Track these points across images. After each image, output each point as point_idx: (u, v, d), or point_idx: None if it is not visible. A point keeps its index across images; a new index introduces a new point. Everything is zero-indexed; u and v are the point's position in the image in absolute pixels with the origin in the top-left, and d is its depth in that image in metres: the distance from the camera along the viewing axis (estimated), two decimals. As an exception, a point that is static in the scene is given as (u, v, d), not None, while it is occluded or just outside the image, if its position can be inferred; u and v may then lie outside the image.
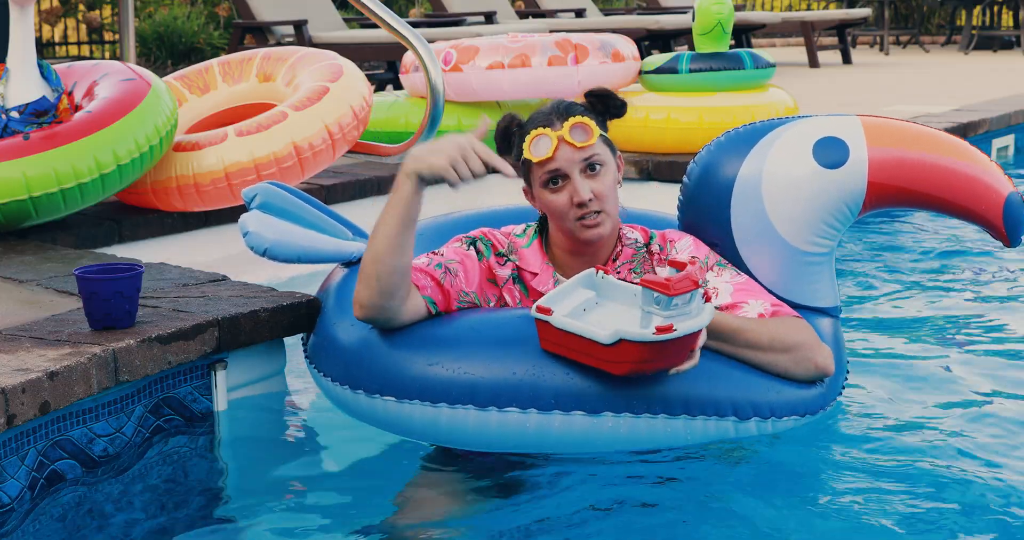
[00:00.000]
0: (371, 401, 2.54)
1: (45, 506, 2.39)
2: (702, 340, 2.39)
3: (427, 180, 2.41)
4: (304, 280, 4.37)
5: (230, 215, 4.31)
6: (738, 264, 2.71)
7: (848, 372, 2.79)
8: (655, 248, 2.70)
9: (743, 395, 2.50)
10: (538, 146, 2.57)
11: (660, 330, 2.24)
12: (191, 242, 4.22)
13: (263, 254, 2.79)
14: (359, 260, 2.83)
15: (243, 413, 2.91)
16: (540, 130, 2.57)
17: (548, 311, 2.34)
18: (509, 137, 2.67)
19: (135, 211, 4.17)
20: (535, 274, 2.69)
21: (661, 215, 3.07)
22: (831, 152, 2.67)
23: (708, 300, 2.40)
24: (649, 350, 2.27)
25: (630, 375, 2.35)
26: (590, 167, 2.57)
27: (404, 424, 2.53)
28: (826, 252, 2.72)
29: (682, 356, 2.35)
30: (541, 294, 2.65)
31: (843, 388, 2.74)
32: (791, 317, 2.59)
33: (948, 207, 2.68)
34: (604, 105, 2.66)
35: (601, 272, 2.43)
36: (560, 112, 2.60)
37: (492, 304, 2.68)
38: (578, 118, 2.57)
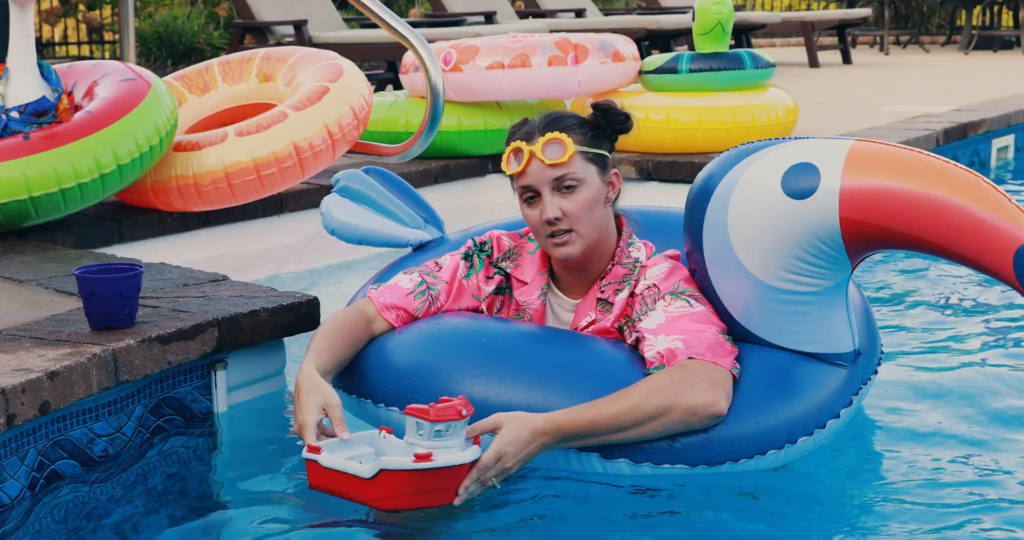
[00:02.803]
0: (347, 397, 2.67)
1: (45, 506, 2.39)
2: (472, 486, 2.25)
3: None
4: (301, 281, 4.38)
5: (230, 215, 4.32)
6: (711, 293, 2.53)
7: (838, 416, 2.52)
8: (640, 271, 2.62)
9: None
10: (511, 160, 2.59)
11: (419, 458, 2.17)
12: (191, 242, 4.22)
13: (332, 233, 3.07)
14: (419, 247, 3.05)
15: (243, 413, 2.91)
16: (517, 143, 2.57)
17: (317, 450, 2.27)
18: None
19: (135, 211, 4.17)
20: (525, 284, 2.69)
21: (667, 211, 3.04)
22: (800, 181, 2.35)
23: (477, 443, 2.28)
24: (408, 480, 2.19)
25: (396, 510, 2.25)
26: (564, 185, 2.53)
27: (363, 418, 2.65)
28: (812, 292, 2.43)
29: (447, 494, 2.24)
30: (520, 305, 2.68)
31: (818, 428, 2.47)
32: (677, 367, 2.39)
33: (946, 254, 2.26)
34: (606, 119, 2.60)
35: (384, 432, 2.33)
36: (543, 126, 2.57)
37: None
38: (554, 134, 2.52)
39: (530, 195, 2.57)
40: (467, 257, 2.72)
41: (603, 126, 2.61)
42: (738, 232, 2.42)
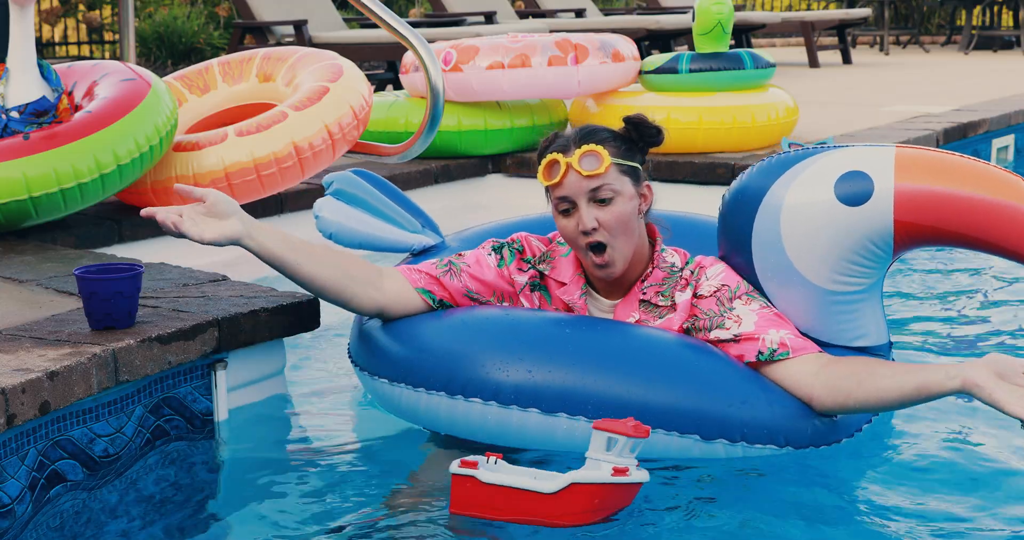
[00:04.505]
0: (371, 381, 2.73)
1: (45, 506, 2.39)
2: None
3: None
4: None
5: (230, 215, 4.31)
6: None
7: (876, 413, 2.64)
8: (687, 273, 2.67)
9: (710, 408, 2.44)
10: (548, 171, 2.62)
11: (617, 471, 2.18)
12: (191, 242, 4.20)
13: (329, 238, 2.96)
14: (420, 252, 3.03)
15: (243, 413, 2.91)
16: (554, 155, 2.60)
17: (474, 465, 2.22)
18: None
19: (135, 211, 4.16)
20: (563, 284, 2.72)
21: (696, 217, 3.09)
22: (854, 187, 2.49)
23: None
24: (602, 494, 2.19)
25: (575, 526, 2.21)
26: (600, 197, 2.57)
27: (393, 404, 2.69)
28: (859, 291, 2.58)
29: (617, 511, 2.25)
30: (564, 303, 2.71)
31: (862, 427, 2.61)
32: (814, 354, 2.53)
33: (996, 250, 2.44)
34: (638, 132, 2.63)
35: (494, 458, 2.27)
36: (579, 138, 2.61)
37: (504, 303, 2.75)
38: (591, 146, 2.57)
39: (566, 207, 2.61)
40: (496, 250, 2.75)
41: (635, 139, 2.64)
42: (792, 240, 2.55)
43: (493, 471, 2.23)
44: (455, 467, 2.23)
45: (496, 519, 2.23)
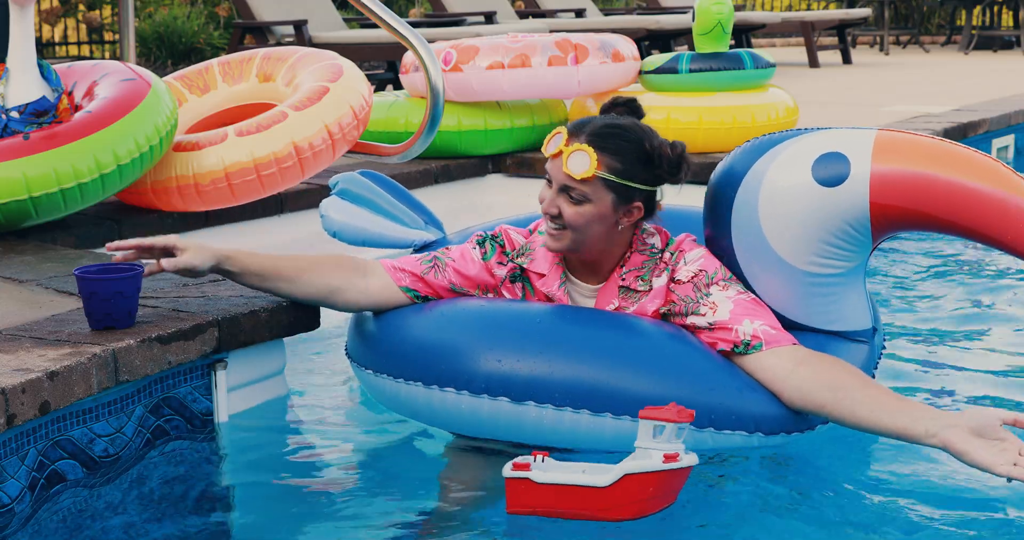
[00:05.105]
0: (360, 372, 2.80)
1: (45, 506, 2.39)
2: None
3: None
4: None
5: (230, 215, 4.32)
6: (743, 281, 2.63)
7: None
8: (666, 256, 2.65)
9: (678, 395, 2.43)
10: (550, 142, 2.61)
11: (668, 458, 2.19)
12: (191, 242, 4.21)
13: (333, 236, 3.11)
14: (422, 247, 3.09)
15: (243, 413, 2.91)
16: (564, 131, 2.59)
17: (527, 466, 2.23)
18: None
19: (135, 211, 4.17)
20: (542, 275, 2.71)
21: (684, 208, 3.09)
22: (830, 168, 2.48)
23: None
24: (656, 482, 2.20)
25: (631, 519, 2.22)
26: (570, 196, 2.57)
27: (379, 395, 2.75)
28: (838, 274, 2.57)
29: (673, 497, 2.26)
30: (545, 295, 2.68)
31: None
32: (788, 347, 2.50)
33: (973, 234, 2.41)
34: (659, 160, 2.56)
35: (541, 456, 2.26)
36: (593, 133, 2.56)
37: (489, 295, 2.76)
38: (590, 150, 2.53)
39: (547, 179, 2.62)
40: (480, 243, 2.76)
41: (655, 163, 2.58)
42: (769, 220, 2.53)
43: (545, 471, 2.23)
44: (508, 471, 2.24)
45: (553, 516, 2.23)
